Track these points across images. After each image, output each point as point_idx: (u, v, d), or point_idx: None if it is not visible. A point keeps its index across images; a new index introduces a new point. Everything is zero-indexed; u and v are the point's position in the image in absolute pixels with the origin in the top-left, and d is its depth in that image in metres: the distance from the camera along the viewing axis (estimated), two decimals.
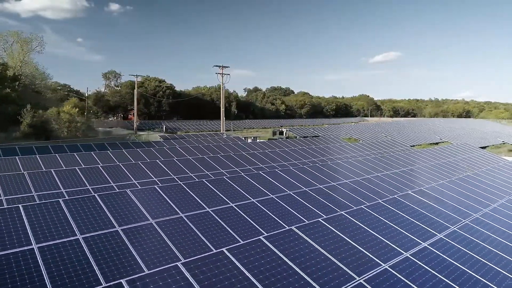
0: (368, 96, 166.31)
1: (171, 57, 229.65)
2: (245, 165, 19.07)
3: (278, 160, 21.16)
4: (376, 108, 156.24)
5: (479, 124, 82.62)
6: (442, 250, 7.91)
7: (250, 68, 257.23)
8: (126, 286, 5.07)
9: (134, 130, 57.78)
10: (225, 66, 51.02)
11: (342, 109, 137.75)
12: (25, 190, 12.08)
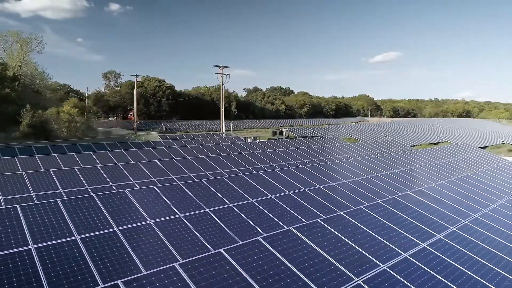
0: (368, 96, 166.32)
1: (171, 57, 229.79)
2: (244, 165, 19.04)
3: (277, 160, 21.12)
4: (376, 108, 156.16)
5: (479, 124, 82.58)
6: (441, 251, 7.88)
7: (250, 68, 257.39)
8: (122, 287, 5.04)
9: (133, 130, 57.77)
10: (225, 66, 51.14)
11: (342, 109, 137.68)
12: (23, 190, 12.06)
